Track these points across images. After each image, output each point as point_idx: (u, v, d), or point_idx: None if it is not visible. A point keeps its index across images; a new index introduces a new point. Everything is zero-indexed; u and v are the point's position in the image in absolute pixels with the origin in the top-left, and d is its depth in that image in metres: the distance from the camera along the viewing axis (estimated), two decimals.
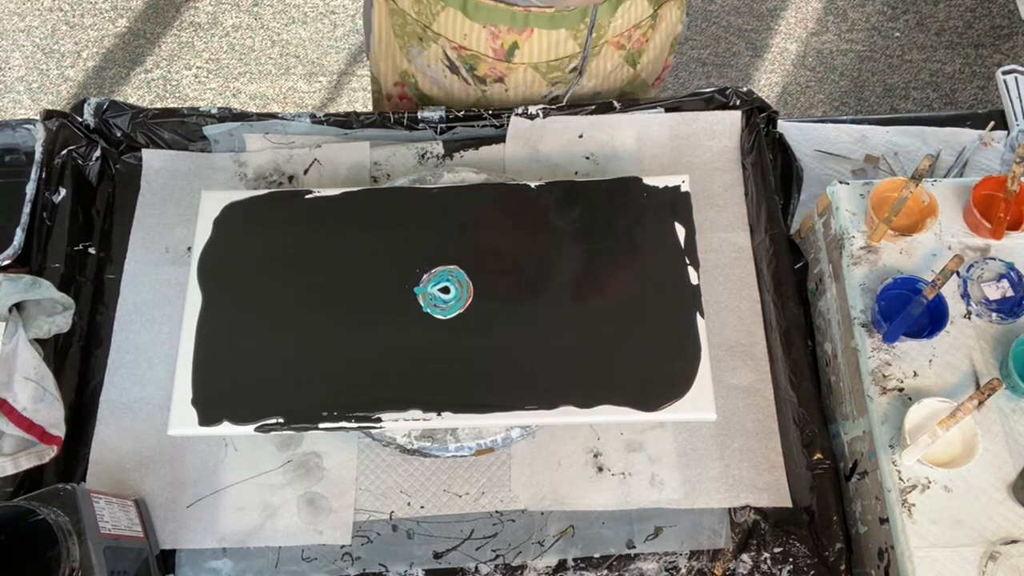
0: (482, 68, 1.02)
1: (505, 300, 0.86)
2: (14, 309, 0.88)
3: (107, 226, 1.02)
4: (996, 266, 0.86)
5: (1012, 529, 0.76)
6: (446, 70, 1.05)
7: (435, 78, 1.07)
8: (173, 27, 2.23)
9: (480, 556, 0.86)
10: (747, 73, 2.16)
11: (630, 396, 0.81)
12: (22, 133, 1.01)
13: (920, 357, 0.83)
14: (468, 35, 0.98)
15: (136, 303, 0.96)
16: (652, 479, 0.88)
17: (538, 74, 1.03)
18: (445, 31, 0.99)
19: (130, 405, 0.92)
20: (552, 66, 1.02)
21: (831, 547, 0.83)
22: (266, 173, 1.03)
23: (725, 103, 1.05)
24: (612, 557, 0.86)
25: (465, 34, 0.98)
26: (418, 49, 1.04)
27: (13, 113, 2.11)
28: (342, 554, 0.86)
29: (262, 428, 0.82)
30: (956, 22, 2.20)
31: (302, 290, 0.87)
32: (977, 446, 0.76)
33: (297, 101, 2.14)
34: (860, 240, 0.88)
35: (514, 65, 1.01)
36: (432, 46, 1.03)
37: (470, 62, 1.02)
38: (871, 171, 1.11)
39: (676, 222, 0.89)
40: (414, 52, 1.05)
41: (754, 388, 0.92)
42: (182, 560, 0.86)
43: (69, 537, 0.71)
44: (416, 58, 1.06)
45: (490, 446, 0.86)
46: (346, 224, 0.90)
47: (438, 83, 1.08)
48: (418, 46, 1.04)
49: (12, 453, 0.83)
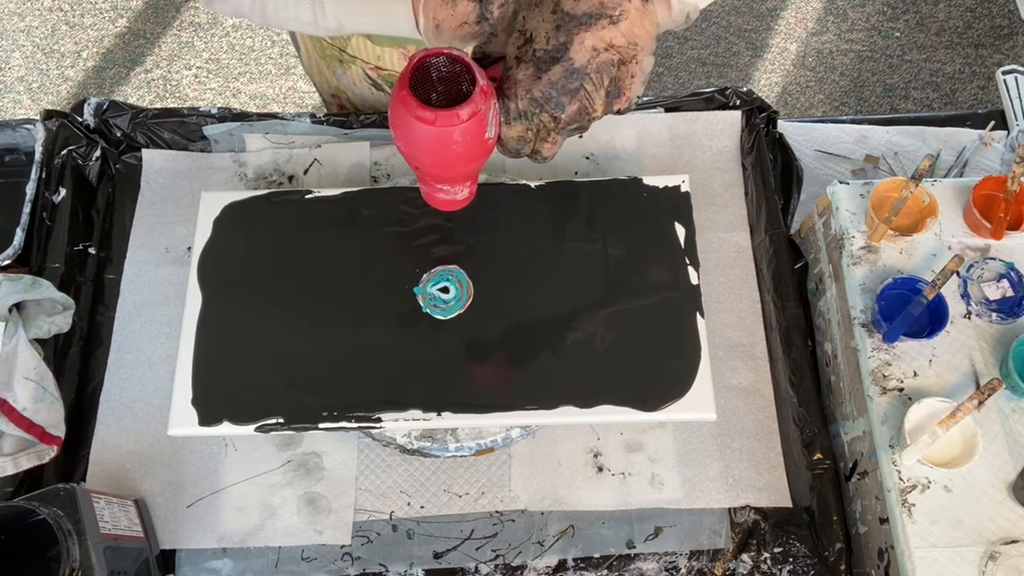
0: None
1: (505, 300, 0.86)
2: (14, 309, 0.88)
3: (107, 226, 1.02)
4: (996, 266, 0.86)
5: (1012, 529, 0.76)
6: (371, 88, 1.06)
7: (362, 95, 1.08)
8: (173, 27, 2.23)
9: (480, 556, 0.86)
10: (747, 73, 2.16)
11: (630, 396, 0.81)
12: (22, 133, 1.01)
13: (920, 357, 0.83)
14: (381, 56, 0.99)
15: (136, 303, 0.96)
16: (652, 479, 0.88)
17: None
18: (359, 54, 1.01)
19: (130, 405, 0.92)
20: None
21: (831, 547, 0.83)
22: (266, 173, 1.03)
23: (725, 103, 1.05)
24: (612, 557, 0.86)
25: (378, 55, 1.00)
26: (341, 70, 1.06)
27: (13, 113, 2.12)
28: (342, 554, 0.86)
29: (262, 428, 0.82)
30: (956, 22, 2.20)
31: (302, 290, 0.87)
32: (977, 446, 0.76)
33: (297, 101, 2.14)
34: (860, 240, 0.88)
35: None
36: (352, 67, 1.04)
37: (390, 80, 1.04)
38: (871, 171, 1.11)
39: (676, 222, 0.89)
40: (339, 72, 1.07)
41: (754, 388, 0.92)
42: (182, 560, 0.86)
43: (69, 537, 0.71)
44: (342, 77, 1.07)
45: (490, 446, 0.86)
46: (346, 224, 0.90)
47: (366, 100, 1.09)
48: (340, 67, 1.05)
49: (12, 453, 0.83)
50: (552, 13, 0.56)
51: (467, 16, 0.71)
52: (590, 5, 0.56)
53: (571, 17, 0.56)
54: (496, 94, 0.59)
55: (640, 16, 0.57)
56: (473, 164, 0.61)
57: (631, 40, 0.57)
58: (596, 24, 0.56)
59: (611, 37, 0.56)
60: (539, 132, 0.61)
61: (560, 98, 0.58)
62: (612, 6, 0.56)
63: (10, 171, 1.02)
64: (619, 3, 0.56)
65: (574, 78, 0.57)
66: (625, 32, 0.57)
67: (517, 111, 0.59)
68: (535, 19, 0.57)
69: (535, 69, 0.58)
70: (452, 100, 0.57)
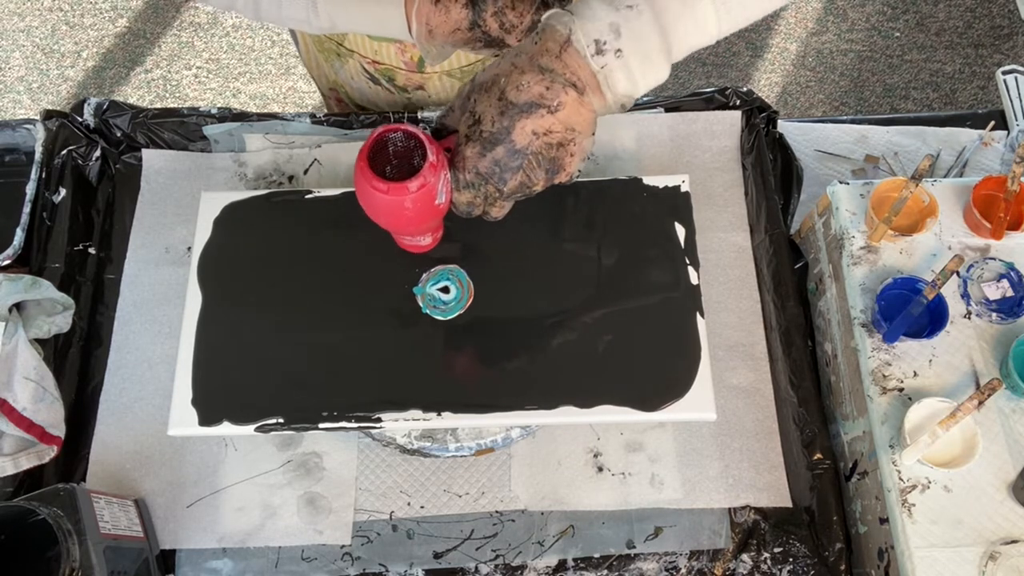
0: (400, 79, 1.04)
1: (504, 299, 0.86)
2: (14, 309, 0.88)
3: (107, 226, 1.02)
4: (996, 266, 0.86)
5: (1012, 529, 0.76)
6: (368, 82, 1.06)
7: (360, 89, 1.09)
8: (173, 27, 2.23)
9: (480, 556, 0.86)
10: (747, 73, 2.16)
11: (630, 396, 0.81)
12: (22, 133, 1.01)
13: (920, 357, 0.83)
14: (378, 50, 1.00)
15: (136, 303, 0.96)
16: (652, 479, 0.88)
17: (454, 80, 1.05)
18: (357, 48, 1.01)
19: (130, 405, 0.92)
20: (466, 71, 1.04)
21: (831, 547, 0.83)
22: (266, 173, 1.03)
23: (725, 103, 1.05)
24: (612, 557, 0.86)
25: (375, 50, 1.00)
26: (339, 64, 1.06)
27: (13, 113, 2.12)
28: (342, 554, 0.86)
29: (262, 428, 0.82)
30: (956, 22, 2.20)
31: (302, 290, 0.87)
32: (977, 446, 0.76)
33: (297, 101, 2.15)
34: (860, 240, 0.88)
35: (427, 75, 1.03)
36: (350, 61, 1.04)
37: (387, 74, 1.04)
38: (871, 171, 1.11)
39: (676, 222, 0.89)
40: (336, 66, 1.07)
41: (754, 388, 0.92)
42: (182, 560, 0.86)
43: (69, 537, 0.71)
44: (339, 71, 1.08)
45: (490, 446, 0.86)
46: (346, 224, 0.90)
47: (364, 94, 1.10)
48: (338, 61, 1.06)
49: (12, 453, 0.83)
50: (499, 100, 0.63)
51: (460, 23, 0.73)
52: (530, 96, 0.62)
53: (514, 105, 0.62)
54: (448, 165, 0.66)
55: (577, 106, 0.63)
56: (426, 223, 0.69)
57: (568, 127, 0.63)
58: (535, 113, 0.62)
59: (549, 124, 0.63)
60: (487, 199, 0.68)
61: (503, 174, 0.65)
62: (550, 98, 0.62)
63: (10, 171, 1.02)
64: (556, 95, 0.62)
65: (515, 157, 0.64)
66: (563, 120, 0.63)
67: (466, 182, 0.67)
68: (483, 103, 0.64)
69: (481, 147, 0.64)
70: (406, 170, 0.65)
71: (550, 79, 0.62)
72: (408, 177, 0.63)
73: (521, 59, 0.63)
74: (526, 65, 0.62)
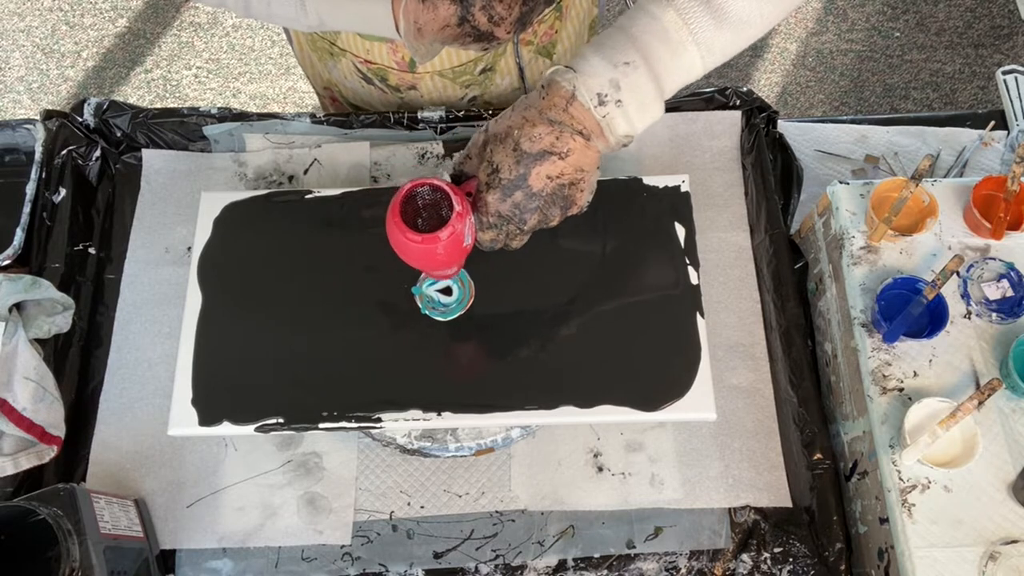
0: (392, 79, 1.04)
1: (504, 299, 0.86)
2: (14, 309, 0.88)
3: (107, 226, 1.02)
4: (996, 266, 0.86)
5: (1012, 529, 0.76)
6: (361, 81, 1.07)
7: (354, 88, 1.09)
8: (173, 27, 2.23)
9: (480, 556, 0.86)
10: (747, 73, 2.16)
11: (630, 396, 0.81)
12: (22, 133, 1.01)
13: (920, 357, 0.83)
14: (370, 50, 1.00)
15: (136, 303, 0.96)
16: (652, 479, 0.88)
17: (446, 80, 1.05)
18: (349, 47, 1.01)
19: (130, 405, 0.92)
20: (458, 71, 1.04)
21: (831, 547, 0.83)
22: (266, 173, 1.03)
23: (725, 103, 1.05)
24: (612, 557, 0.86)
25: (367, 49, 1.00)
26: (332, 63, 1.06)
27: (13, 113, 2.12)
28: (342, 554, 0.86)
29: (262, 428, 0.82)
30: (956, 22, 2.20)
31: (302, 290, 0.87)
32: (977, 446, 0.76)
33: (297, 101, 2.15)
34: (860, 240, 0.88)
35: (419, 75, 1.03)
36: (342, 60, 1.04)
37: (380, 74, 1.04)
38: (871, 171, 1.11)
39: (676, 222, 0.89)
40: (330, 65, 1.07)
41: (754, 388, 0.92)
42: (182, 560, 0.86)
43: (69, 537, 0.71)
44: (333, 70, 1.08)
45: (490, 446, 0.86)
46: (346, 224, 0.90)
47: (357, 93, 1.10)
48: (331, 60, 1.06)
49: (12, 453, 0.83)
50: (514, 151, 0.69)
51: (448, 19, 0.74)
52: (543, 145, 0.68)
53: (528, 155, 0.69)
54: (471, 210, 0.72)
55: (584, 150, 0.69)
56: (455, 262, 0.75)
57: (578, 168, 0.70)
58: (548, 160, 0.69)
59: (561, 168, 0.70)
60: (508, 235, 0.74)
61: (523, 215, 0.71)
62: (560, 146, 0.68)
63: (10, 171, 1.02)
64: (566, 143, 0.68)
65: (533, 200, 0.71)
66: (572, 163, 0.70)
67: (489, 223, 0.73)
68: (500, 154, 0.70)
69: (502, 194, 0.70)
70: (436, 219, 0.70)
71: (559, 130, 0.68)
72: (439, 227, 0.68)
73: (531, 112, 0.69)
74: (536, 118, 0.68)
